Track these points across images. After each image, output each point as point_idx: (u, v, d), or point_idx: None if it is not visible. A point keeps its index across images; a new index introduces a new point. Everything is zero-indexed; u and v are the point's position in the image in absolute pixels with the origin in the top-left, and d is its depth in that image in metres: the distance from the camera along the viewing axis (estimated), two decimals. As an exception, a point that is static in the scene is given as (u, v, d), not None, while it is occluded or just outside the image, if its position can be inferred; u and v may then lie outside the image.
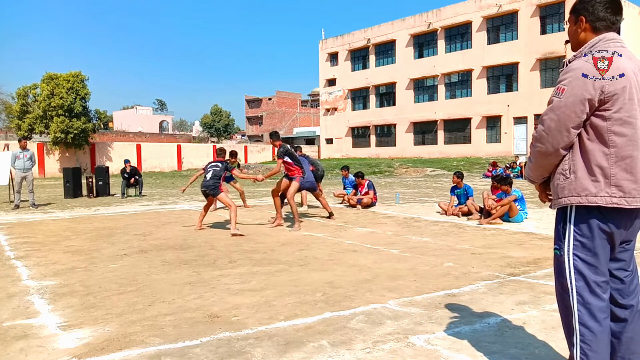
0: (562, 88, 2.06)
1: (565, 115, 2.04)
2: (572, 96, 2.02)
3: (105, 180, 16.12)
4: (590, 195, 2.05)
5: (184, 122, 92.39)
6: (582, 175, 2.07)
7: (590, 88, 2.00)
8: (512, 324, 3.39)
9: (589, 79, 2.00)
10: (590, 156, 2.05)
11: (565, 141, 2.08)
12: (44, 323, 3.55)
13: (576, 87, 2.02)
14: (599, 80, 1.99)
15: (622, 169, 2.02)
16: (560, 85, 2.09)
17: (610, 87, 1.99)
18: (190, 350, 2.99)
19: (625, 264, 2.18)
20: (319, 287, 4.38)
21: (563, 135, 2.06)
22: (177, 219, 9.58)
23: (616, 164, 2.02)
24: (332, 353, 2.91)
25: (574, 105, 2.02)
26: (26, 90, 32.55)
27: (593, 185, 2.04)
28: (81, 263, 5.61)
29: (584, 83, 2.01)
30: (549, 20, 31.06)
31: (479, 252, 5.89)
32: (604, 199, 2.03)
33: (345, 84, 43.16)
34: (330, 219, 9.22)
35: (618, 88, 1.99)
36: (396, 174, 26.36)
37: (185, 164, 38.46)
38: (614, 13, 2.13)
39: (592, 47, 2.09)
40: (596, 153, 2.04)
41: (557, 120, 2.06)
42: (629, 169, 2.02)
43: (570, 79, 2.05)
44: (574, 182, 2.09)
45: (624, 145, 2.01)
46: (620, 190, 2.02)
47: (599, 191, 2.03)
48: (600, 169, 2.03)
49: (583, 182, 2.06)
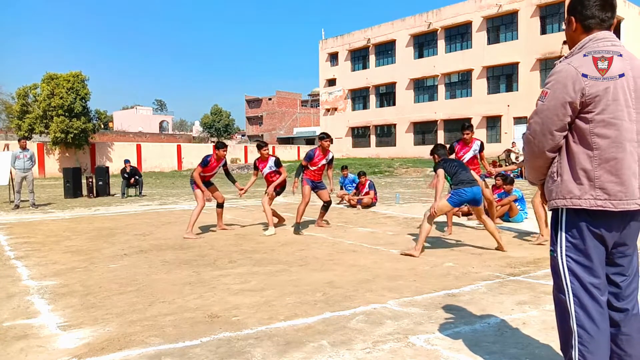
0: (546, 91, 2.06)
1: (548, 118, 2.04)
2: (554, 99, 2.02)
3: (105, 180, 16.12)
4: (574, 198, 2.04)
5: (184, 122, 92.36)
6: (568, 178, 2.06)
7: (571, 91, 1.98)
8: (512, 324, 3.38)
9: (570, 81, 1.99)
10: (575, 159, 2.04)
11: (550, 144, 2.07)
12: (44, 323, 3.55)
13: (557, 90, 2.02)
14: (580, 83, 1.97)
15: (606, 171, 2.00)
16: (544, 88, 2.09)
17: (592, 89, 1.97)
18: (190, 350, 2.99)
19: (623, 269, 2.16)
20: (319, 287, 4.38)
21: (547, 138, 2.06)
22: (177, 219, 9.57)
23: (600, 167, 2.00)
24: (332, 353, 2.91)
25: (555, 108, 2.02)
26: (26, 90, 32.55)
27: (577, 188, 2.04)
28: (81, 263, 5.61)
29: (564, 86, 2.00)
30: (549, 20, 31.05)
31: (479, 252, 5.89)
32: (588, 202, 2.01)
33: (345, 84, 43.14)
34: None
35: (600, 90, 1.97)
36: (396, 174, 26.35)
37: (185, 164, 38.45)
38: (603, 10, 2.09)
39: (582, 47, 2.08)
40: (580, 156, 2.03)
41: (542, 123, 2.07)
42: (614, 171, 1.99)
43: (552, 82, 2.05)
44: (560, 185, 2.09)
45: (607, 147, 1.99)
46: (605, 192, 2.00)
47: (583, 194, 2.02)
48: (585, 171, 2.02)
49: (568, 185, 2.06)
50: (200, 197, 7.63)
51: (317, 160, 7.91)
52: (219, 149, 7.75)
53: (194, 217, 7.45)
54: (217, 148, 7.76)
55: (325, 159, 7.94)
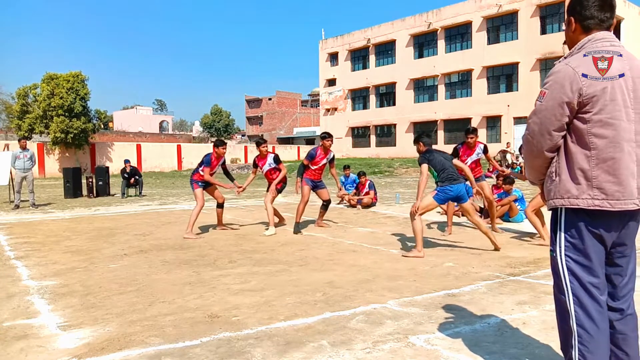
0: (544, 92, 2.07)
1: (546, 118, 2.05)
2: (551, 100, 2.03)
3: (105, 180, 16.12)
4: (572, 197, 2.05)
5: (184, 122, 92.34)
6: (566, 178, 2.08)
7: (568, 91, 1.99)
8: (512, 324, 3.39)
9: (567, 81, 1.99)
10: (573, 159, 2.05)
11: (548, 144, 2.08)
12: (44, 323, 3.55)
13: (555, 90, 2.02)
14: (577, 83, 1.98)
15: (603, 171, 2.01)
16: (542, 88, 2.10)
17: (589, 89, 1.98)
18: (190, 350, 2.99)
19: (621, 270, 2.16)
20: (319, 287, 4.38)
21: (546, 138, 2.08)
22: (177, 219, 9.57)
23: (597, 166, 2.01)
24: (332, 353, 2.91)
25: (553, 108, 2.03)
26: (26, 90, 32.54)
27: (575, 187, 2.05)
28: (81, 263, 5.61)
29: (561, 87, 2.01)
30: (549, 20, 31.05)
31: (478, 252, 5.89)
32: (586, 202, 2.02)
33: (345, 84, 43.14)
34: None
35: (598, 90, 1.97)
36: (396, 174, 26.37)
37: (185, 164, 38.45)
38: (602, 10, 2.09)
39: (581, 48, 2.09)
40: (578, 156, 2.04)
41: (540, 123, 2.08)
42: (612, 171, 2.00)
43: (550, 82, 2.06)
44: (558, 184, 2.10)
45: (604, 147, 2.00)
46: (602, 192, 2.00)
47: (581, 193, 2.03)
48: (582, 171, 2.03)
49: (566, 184, 2.07)
50: (199, 197, 7.64)
51: (319, 159, 7.96)
52: (218, 146, 7.77)
53: (193, 217, 7.46)
54: (217, 146, 7.79)
55: (326, 158, 8.00)
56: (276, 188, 8.06)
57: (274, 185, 8.00)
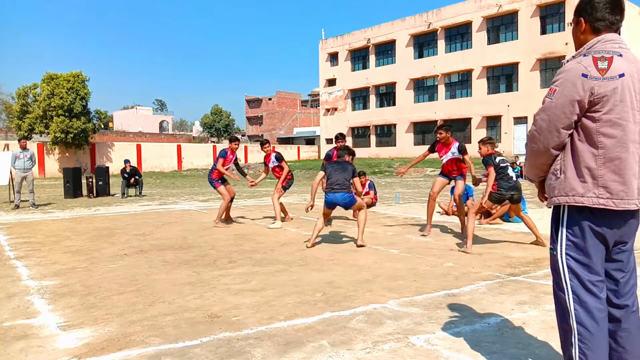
0: (554, 89, 2.07)
1: (555, 116, 2.05)
2: (562, 97, 2.03)
3: (105, 180, 16.13)
4: (577, 195, 2.06)
5: (184, 122, 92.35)
6: (571, 176, 2.08)
7: (580, 89, 2.00)
8: (512, 324, 3.39)
9: (579, 80, 2.00)
10: (580, 157, 2.06)
11: (555, 141, 2.09)
12: (44, 323, 3.55)
13: (566, 88, 2.03)
14: (589, 82, 1.99)
15: (610, 170, 2.02)
16: (552, 86, 2.10)
17: (600, 89, 1.98)
18: (190, 350, 2.99)
19: (622, 265, 2.17)
20: (319, 287, 4.38)
21: (553, 135, 2.08)
22: (177, 219, 9.58)
23: (604, 165, 2.02)
24: (332, 353, 2.91)
25: (563, 106, 2.03)
26: (26, 90, 32.58)
27: (581, 185, 2.05)
28: (81, 263, 5.61)
29: (573, 85, 2.01)
30: (549, 20, 31.06)
31: (478, 252, 5.89)
32: (591, 200, 2.03)
33: (345, 84, 43.16)
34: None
35: (608, 90, 1.99)
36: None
37: (185, 164, 38.49)
38: (613, 13, 2.11)
39: (590, 48, 2.09)
40: (585, 154, 2.05)
41: (548, 120, 2.08)
42: (617, 170, 2.02)
43: (561, 80, 2.06)
44: (563, 182, 2.10)
45: (612, 146, 2.01)
46: (607, 191, 2.02)
47: (586, 192, 2.04)
48: (589, 169, 2.04)
49: (571, 182, 2.08)
50: (224, 193, 8.52)
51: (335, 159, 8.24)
52: (232, 142, 8.74)
53: (222, 209, 8.52)
54: (230, 142, 8.77)
55: None
56: (282, 186, 8.65)
57: (279, 184, 8.62)
